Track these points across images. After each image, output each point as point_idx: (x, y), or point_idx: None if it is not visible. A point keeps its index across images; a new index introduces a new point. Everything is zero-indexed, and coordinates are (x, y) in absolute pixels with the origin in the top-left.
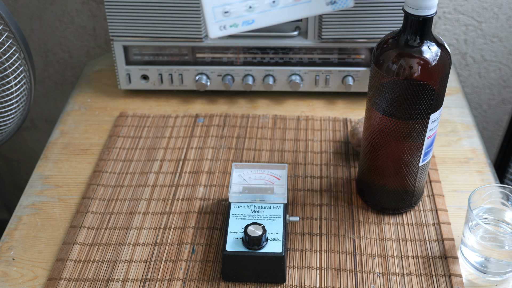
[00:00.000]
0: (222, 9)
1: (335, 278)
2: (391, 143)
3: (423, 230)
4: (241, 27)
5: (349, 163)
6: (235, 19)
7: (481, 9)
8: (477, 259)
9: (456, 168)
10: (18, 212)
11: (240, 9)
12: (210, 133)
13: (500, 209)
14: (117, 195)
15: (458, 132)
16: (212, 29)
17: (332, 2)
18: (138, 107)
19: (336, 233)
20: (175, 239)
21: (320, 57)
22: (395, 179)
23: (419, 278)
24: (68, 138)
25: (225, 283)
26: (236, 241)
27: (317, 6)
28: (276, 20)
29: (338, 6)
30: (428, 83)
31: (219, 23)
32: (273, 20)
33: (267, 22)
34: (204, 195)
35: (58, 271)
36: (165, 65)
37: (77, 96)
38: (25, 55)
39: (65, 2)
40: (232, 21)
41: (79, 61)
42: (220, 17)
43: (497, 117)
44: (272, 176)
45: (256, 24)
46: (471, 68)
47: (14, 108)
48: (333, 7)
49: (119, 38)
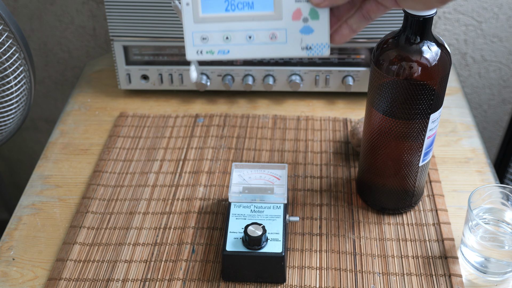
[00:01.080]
0: (200, 35)
1: (335, 278)
2: (391, 143)
3: (423, 230)
4: (216, 55)
5: (349, 163)
6: (212, 47)
7: (481, 9)
8: (477, 259)
9: (456, 168)
10: (18, 212)
11: (217, 38)
12: (210, 133)
13: (500, 209)
14: (117, 195)
15: (458, 132)
16: (190, 52)
17: (307, 47)
18: (138, 107)
19: (336, 233)
20: (175, 239)
21: (320, 57)
22: (395, 179)
23: (419, 278)
24: (68, 138)
25: (225, 283)
26: (236, 241)
27: (292, 48)
28: (251, 54)
29: (313, 52)
30: (428, 83)
31: (196, 47)
32: (248, 54)
33: (242, 55)
34: (204, 195)
35: (58, 271)
36: (165, 65)
37: (77, 96)
38: (25, 55)
39: (65, 2)
40: (208, 48)
41: (79, 61)
42: (198, 42)
43: (497, 117)
44: (272, 176)
45: (231, 55)
46: (471, 68)
47: (14, 108)
48: (307, 52)
49: (119, 38)
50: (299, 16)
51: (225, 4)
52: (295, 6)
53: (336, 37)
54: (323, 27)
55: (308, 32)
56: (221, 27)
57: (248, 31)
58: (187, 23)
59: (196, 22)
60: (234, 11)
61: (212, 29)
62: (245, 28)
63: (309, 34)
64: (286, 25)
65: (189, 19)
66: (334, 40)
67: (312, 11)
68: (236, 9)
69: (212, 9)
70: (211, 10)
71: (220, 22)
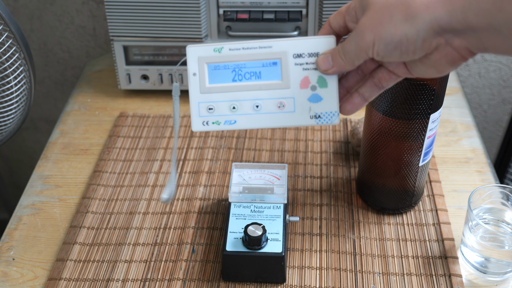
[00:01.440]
0: (207, 105)
1: (335, 278)
2: (391, 143)
3: (423, 230)
4: (223, 125)
5: (349, 163)
6: (218, 117)
7: None
8: (477, 259)
9: (456, 168)
10: (18, 212)
11: (223, 108)
12: (210, 133)
13: (500, 209)
14: (117, 195)
15: (458, 132)
16: (195, 123)
17: (316, 116)
18: (138, 107)
19: (336, 233)
20: (175, 239)
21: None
22: (395, 179)
23: (419, 278)
24: (68, 138)
25: (225, 283)
26: (236, 241)
27: (301, 117)
28: (258, 124)
29: (322, 121)
30: (428, 83)
31: (202, 118)
32: (256, 124)
33: (250, 125)
34: (204, 195)
35: (58, 271)
36: (165, 65)
37: (77, 96)
38: (25, 55)
39: (65, 2)
40: (215, 119)
41: (79, 61)
42: (204, 113)
43: (497, 117)
44: (272, 176)
45: (238, 125)
46: (471, 68)
47: (14, 108)
48: (317, 121)
49: (119, 38)
50: (307, 84)
51: (232, 74)
52: (303, 74)
53: (347, 106)
54: (332, 95)
55: (316, 101)
56: (228, 96)
57: (256, 100)
58: (193, 94)
59: (203, 93)
60: (241, 81)
61: (218, 99)
62: (252, 97)
63: (318, 103)
64: (294, 93)
65: (196, 89)
66: (345, 109)
67: (320, 78)
68: (243, 79)
69: (219, 79)
70: (218, 81)
71: (227, 92)
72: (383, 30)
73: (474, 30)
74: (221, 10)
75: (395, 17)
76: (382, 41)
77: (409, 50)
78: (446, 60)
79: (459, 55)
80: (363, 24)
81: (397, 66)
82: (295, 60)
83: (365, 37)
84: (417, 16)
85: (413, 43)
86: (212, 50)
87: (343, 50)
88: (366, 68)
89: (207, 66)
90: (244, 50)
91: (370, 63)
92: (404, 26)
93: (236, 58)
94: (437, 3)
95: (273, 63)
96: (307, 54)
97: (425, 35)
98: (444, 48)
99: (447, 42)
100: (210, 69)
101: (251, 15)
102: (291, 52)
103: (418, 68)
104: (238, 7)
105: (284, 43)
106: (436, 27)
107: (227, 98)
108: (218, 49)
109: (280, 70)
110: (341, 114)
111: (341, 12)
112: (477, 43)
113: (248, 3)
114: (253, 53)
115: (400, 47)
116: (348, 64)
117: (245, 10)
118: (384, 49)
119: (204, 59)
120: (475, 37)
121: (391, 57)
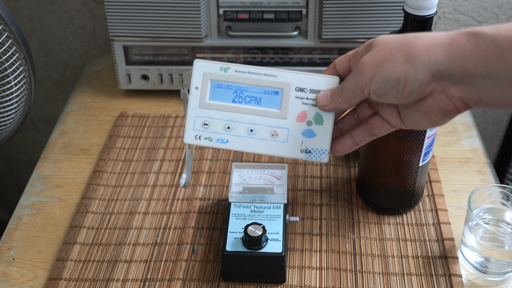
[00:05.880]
0: (203, 120)
1: (335, 278)
2: (391, 143)
3: (423, 230)
4: (214, 142)
5: (349, 163)
6: (211, 134)
7: (481, 9)
8: (477, 259)
9: (456, 168)
10: (18, 212)
11: (218, 126)
12: None
13: (500, 209)
14: (117, 195)
15: (458, 132)
16: (188, 135)
17: (307, 151)
18: (138, 107)
19: (336, 233)
20: (175, 239)
21: (320, 57)
22: (395, 179)
23: (419, 278)
24: (68, 138)
25: (225, 283)
26: (236, 241)
27: (291, 149)
28: (249, 148)
29: (311, 157)
30: None
31: (196, 131)
32: (246, 147)
33: (240, 147)
34: (204, 195)
35: (58, 271)
36: (165, 65)
37: (77, 96)
38: (25, 55)
39: (65, 2)
40: (208, 135)
41: (79, 61)
42: (199, 127)
43: (497, 117)
44: (272, 176)
45: (229, 145)
46: None
47: (14, 108)
48: (306, 156)
49: (119, 38)
50: (303, 118)
51: (233, 95)
52: (301, 108)
53: (337, 146)
54: (325, 134)
55: (310, 136)
56: (225, 116)
57: (251, 125)
58: (192, 107)
59: (201, 107)
60: (241, 103)
61: (215, 116)
62: (248, 121)
63: (311, 138)
64: (289, 125)
65: (195, 103)
66: (335, 148)
67: (317, 115)
68: (243, 102)
69: (220, 97)
70: (218, 99)
71: (225, 112)
72: (382, 67)
73: (471, 78)
74: (221, 10)
75: (396, 57)
76: (380, 78)
77: (405, 91)
78: (439, 108)
79: (453, 105)
80: (364, 62)
81: (391, 114)
82: (297, 93)
83: (364, 73)
84: (417, 58)
85: (410, 84)
86: (219, 68)
87: (342, 87)
88: (362, 114)
89: (211, 82)
90: (250, 74)
91: (366, 109)
92: (404, 66)
93: (240, 80)
94: (438, 48)
95: (275, 92)
96: (309, 90)
97: (423, 77)
98: (439, 95)
99: (443, 90)
100: (213, 86)
101: (251, 15)
102: (294, 85)
103: (411, 116)
104: (238, 7)
105: (289, 75)
106: (434, 71)
107: (223, 117)
108: (225, 68)
109: (280, 100)
110: (331, 153)
111: (348, 56)
112: (473, 93)
113: (248, 3)
114: (257, 79)
115: (397, 85)
116: (344, 102)
117: (245, 10)
118: (381, 87)
119: (209, 75)
120: (472, 87)
121: (386, 96)
